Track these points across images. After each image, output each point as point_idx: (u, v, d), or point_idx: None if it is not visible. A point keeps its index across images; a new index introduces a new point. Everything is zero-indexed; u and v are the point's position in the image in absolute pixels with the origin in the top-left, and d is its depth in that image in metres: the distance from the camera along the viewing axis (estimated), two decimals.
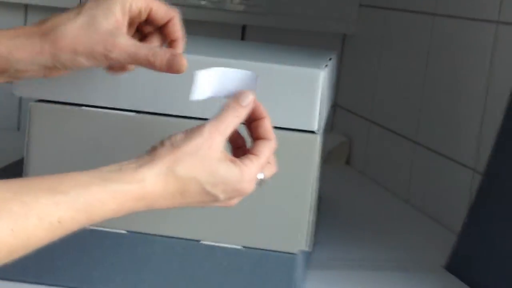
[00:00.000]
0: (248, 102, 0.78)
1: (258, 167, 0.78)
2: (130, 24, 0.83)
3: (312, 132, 0.89)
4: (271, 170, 0.81)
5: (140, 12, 0.82)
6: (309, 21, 1.69)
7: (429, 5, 1.38)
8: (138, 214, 0.74)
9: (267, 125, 0.80)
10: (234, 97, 0.78)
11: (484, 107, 1.19)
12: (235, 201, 0.79)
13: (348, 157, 1.68)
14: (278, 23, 1.69)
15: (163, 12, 0.83)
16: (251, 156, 0.78)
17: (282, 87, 0.88)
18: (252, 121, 0.80)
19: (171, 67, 0.79)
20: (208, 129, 0.75)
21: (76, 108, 0.91)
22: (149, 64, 0.80)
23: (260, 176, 0.79)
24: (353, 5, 1.69)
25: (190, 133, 0.75)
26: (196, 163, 0.74)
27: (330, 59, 1.03)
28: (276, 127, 0.82)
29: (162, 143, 0.75)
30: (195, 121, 0.81)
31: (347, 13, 1.69)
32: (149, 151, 0.75)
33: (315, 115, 0.89)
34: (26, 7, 1.65)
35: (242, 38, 1.71)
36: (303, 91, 0.89)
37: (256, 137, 0.80)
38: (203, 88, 0.79)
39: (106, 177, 0.70)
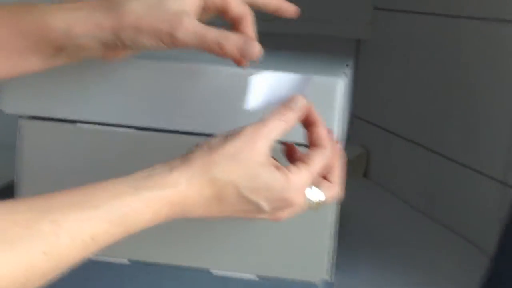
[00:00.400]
0: (299, 106, 0.74)
1: (307, 175, 0.72)
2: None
3: None
4: (332, 190, 0.75)
5: (214, 1, 0.76)
6: (320, 26, 1.65)
7: (450, 6, 1.33)
8: (140, 241, 0.69)
9: (320, 132, 0.75)
10: (283, 102, 0.74)
11: None
12: (284, 214, 0.73)
13: (366, 169, 1.65)
14: (286, 28, 1.64)
15: (239, 6, 0.77)
16: (299, 163, 0.72)
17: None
18: (306, 127, 0.76)
19: (243, 54, 0.74)
20: (249, 131, 0.71)
21: (70, 124, 0.86)
22: (218, 48, 0.73)
23: (320, 196, 0.73)
24: (367, 8, 1.64)
25: (229, 136, 0.71)
26: (234, 166, 0.69)
27: (347, 65, 0.96)
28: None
29: (197, 146, 0.71)
30: (197, 137, 0.77)
31: (360, 16, 1.65)
32: (183, 154, 0.71)
33: (334, 128, 0.83)
34: None
35: None
36: (320, 102, 0.82)
37: (310, 144, 0.75)
38: (257, 96, 0.75)
39: (138, 184, 0.66)
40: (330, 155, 0.74)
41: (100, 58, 0.78)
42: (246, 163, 0.69)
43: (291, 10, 0.82)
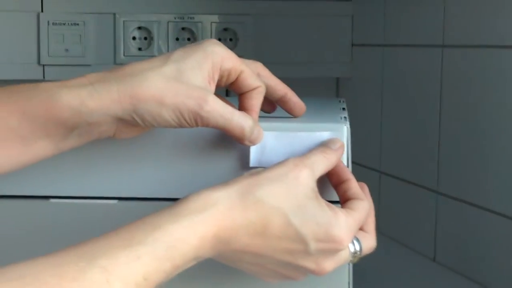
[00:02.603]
0: (338, 146, 0.71)
1: (356, 221, 0.68)
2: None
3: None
4: (370, 242, 0.71)
5: (229, 74, 0.72)
6: (298, 68, 1.57)
7: (434, 36, 1.24)
8: None
9: (355, 186, 0.72)
10: (321, 143, 0.72)
11: None
12: (328, 265, 0.67)
13: None
14: None
15: (252, 79, 0.73)
16: (345, 209, 0.69)
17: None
18: (338, 184, 0.72)
19: (252, 142, 0.72)
20: (292, 160, 0.68)
21: (41, 200, 0.77)
22: (240, 134, 0.70)
23: (357, 246, 0.69)
24: (345, 45, 1.56)
25: (272, 165, 0.68)
26: (280, 191, 0.65)
27: (343, 108, 0.88)
28: None
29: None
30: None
31: (338, 54, 1.56)
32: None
33: None
34: None
35: (227, 95, 1.57)
36: None
37: (347, 199, 0.71)
38: (267, 154, 0.72)
39: (176, 211, 0.62)
40: (368, 207, 0.71)
41: (111, 136, 0.71)
42: (292, 191, 0.65)
43: (297, 104, 0.78)
